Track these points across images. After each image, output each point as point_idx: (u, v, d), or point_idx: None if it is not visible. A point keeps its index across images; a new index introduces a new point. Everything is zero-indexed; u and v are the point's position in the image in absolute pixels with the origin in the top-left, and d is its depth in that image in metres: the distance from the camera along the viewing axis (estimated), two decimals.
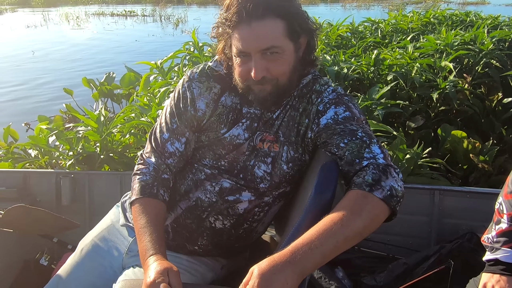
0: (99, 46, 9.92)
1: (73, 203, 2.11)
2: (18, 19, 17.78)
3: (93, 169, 2.15)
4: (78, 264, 1.25)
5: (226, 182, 1.11)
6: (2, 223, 1.89)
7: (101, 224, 1.34)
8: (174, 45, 9.80)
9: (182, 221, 1.15)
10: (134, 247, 1.22)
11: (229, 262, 1.27)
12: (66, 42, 10.69)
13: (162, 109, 2.06)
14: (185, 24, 14.38)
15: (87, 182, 2.10)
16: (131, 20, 16.56)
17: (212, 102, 1.13)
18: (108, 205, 2.11)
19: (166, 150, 1.13)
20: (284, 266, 0.76)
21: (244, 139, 1.11)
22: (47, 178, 2.12)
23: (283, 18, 0.98)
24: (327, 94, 1.08)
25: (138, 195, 1.08)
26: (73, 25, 15.10)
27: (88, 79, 4.54)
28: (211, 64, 1.17)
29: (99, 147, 2.12)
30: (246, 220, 1.15)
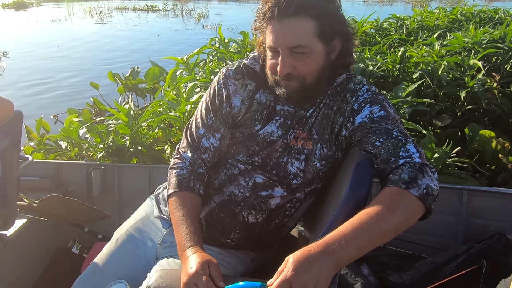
0: (123, 41, 10.08)
1: (103, 194, 2.18)
2: (43, 13, 18.15)
3: (122, 162, 2.20)
4: (113, 253, 1.30)
5: (259, 178, 1.14)
6: (37, 211, 1.97)
7: (136, 215, 1.38)
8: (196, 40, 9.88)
9: (215, 215, 1.18)
10: (168, 238, 1.26)
11: (259, 255, 1.30)
12: (90, 36, 10.88)
13: (190, 104, 2.12)
14: (207, 19, 14.46)
15: (116, 174, 2.16)
16: (153, 15, 16.73)
17: (247, 99, 1.15)
18: (136, 196, 2.18)
19: (201, 145, 1.17)
20: (320, 256, 0.79)
21: (277, 136, 1.13)
22: (79, 170, 2.19)
23: (316, 19, 0.98)
24: (362, 93, 1.09)
25: (175, 189, 1.11)
26: (97, 20, 15.35)
27: (113, 73, 4.64)
28: (247, 61, 1.19)
29: (128, 141, 2.17)
30: (278, 215, 1.18)
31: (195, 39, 10.14)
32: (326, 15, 1.00)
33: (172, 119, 2.12)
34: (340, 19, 1.04)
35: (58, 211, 1.97)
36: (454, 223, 1.77)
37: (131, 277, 1.25)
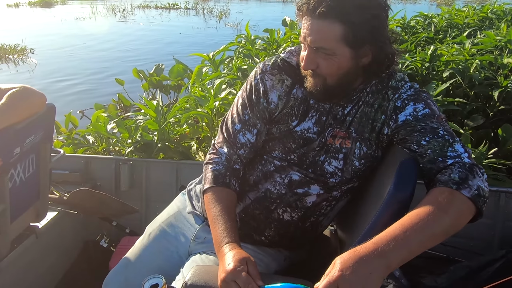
0: (146, 38, 10.18)
1: (131, 188, 2.20)
2: (68, 11, 18.50)
3: (150, 157, 2.22)
4: (146, 247, 1.30)
5: (295, 175, 1.12)
6: (67, 204, 2.00)
7: (168, 210, 1.39)
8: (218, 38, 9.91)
9: (250, 212, 1.17)
10: (201, 234, 1.25)
11: (291, 254, 1.28)
12: (114, 34, 11.04)
13: (219, 101, 2.11)
14: (228, 17, 14.48)
15: (144, 169, 2.18)
16: (175, 13, 16.86)
17: (285, 94, 1.14)
18: (163, 192, 2.19)
19: (237, 141, 1.15)
20: (369, 258, 0.76)
21: (313, 133, 1.11)
22: (107, 164, 2.21)
23: (344, 23, 0.96)
24: (404, 90, 1.06)
25: (211, 184, 1.11)
26: (120, 18, 15.56)
27: (138, 70, 4.68)
28: (284, 55, 1.17)
29: (156, 136, 2.18)
30: (314, 213, 1.16)
31: (217, 37, 10.18)
32: (357, 21, 0.96)
33: (200, 115, 2.11)
34: (375, 27, 0.99)
35: (88, 204, 1.99)
36: (490, 226, 1.71)
37: (164, 272, 1.25)
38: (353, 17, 0.96)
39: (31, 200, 1.71)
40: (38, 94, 1.44)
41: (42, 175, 1.71)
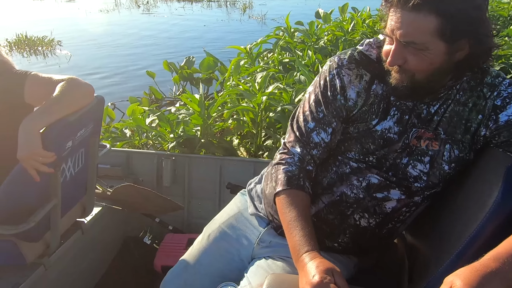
0: (172, 31, 10.13)
1: (173, 184, 2.15)
2: (91, 3, 18.64)
3: (192, 153, 2.16)
4: (206, 249, 1.24)
5: (374, 178, 1.04)
6: (110, 199, 1.97)
7: (227, 211, 1.32)
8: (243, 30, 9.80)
9: (323, 216, 1.09)
10: (266, 237, 1.18)
11: (359, 260, 1.20)
12: (139, 26, 11.05)
13: (266, 95, 2.03)
14: (252, 9, 14.33)
15: (187, 165, 2.13)
16: (197, 6, 16.80)
17: (364, 91, 1.05)
18: (206, 188, 2.14)
19: (311, 140, 1.07)
20: (491, 277, 0.68)
21: (394, 133, 1.02)
22: (150, 159, 2.16)
23: (440, 16, 0.86)
24: (504, 88, 0.95)
25: (284, 186, 1.03)
26: (143, 10, 15.60)
27: (168, 63, 4.63)
28: (362, 47, 1.08)
29: (199, 131, 2.12)
30: (392, 219, 1.07)
31: (241, 29, 10.08)
32: (455, 13, 0.86)
33: (246, 110, 2.04)
34: (474, 18, 0.88)
35: (132, 200, 1.95)
36: None
37: (224, 275, 1.20)
38: (451, 9, 0.86)
39: (79, 195, 1.68)
40: (86, 85, 1.39)
41: (90, 170, 1.67)
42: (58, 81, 1.33)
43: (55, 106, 1.27)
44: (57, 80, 1.34)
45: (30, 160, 1.21)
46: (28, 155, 1.20)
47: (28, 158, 1.20)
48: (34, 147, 1.19)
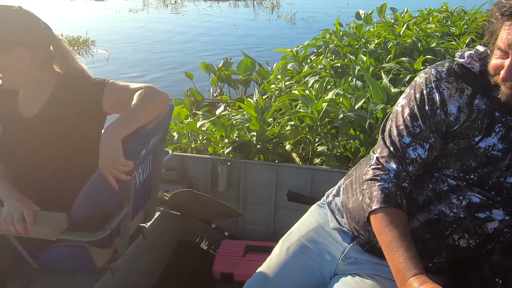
0: (202, 31, 10.16)
1: (227, 190, 2.14)
2: (120, 3, 18.94)
3: (247, 158, 2.14)
4: (285, 263, 1.22)
5: (475, 197, 0.99)
6: (168, 204, 1.97)
7: (306, 224, 1.29)
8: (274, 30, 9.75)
9: (418, 235, 1.05)
10: (352, 254, 1.15)
11: (448, 280, 1.15)
12: (170, 26, 11.14)
13: (327, 102, 1.99)
14: (280, 8, 14.27)
15: (242, 171, 2.11)
16: (224, 5, 16.86)
17: (466, 105, 1.00)
18: (262, 194, 2.12)
19: (407, 156, 1.03)
20: None
21: (498, 150, 0.97)
22: (204, 164, 2.16)
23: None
24: None
25: (382, 204, 0.99)
26: (172, 10, 15.75)
27: (206, 64, 4.64)
28: (462, 60, 1.03)
29: (255, 136, 2.10)
30: (493, 240, 1.02)
31: (272, 29, 10.02)
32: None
33: (305, 116, 2.00)
34: None
35: (189, 205, 1.95)
36: None
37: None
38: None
39: (144, 201, 1.69)
40: (163, 93, 1.38)
41: (156, 176, 1.67)
42: (136, 89, 1.34)
43: (135, 115, 1.27)
44: (135, 88, 1.34)
45: (111, 168, 1.21)
46: (110, 164, 1.20)
47: (110, 166, 1.20)
48: (116, 156, 1.20)
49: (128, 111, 1.27)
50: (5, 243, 1.34)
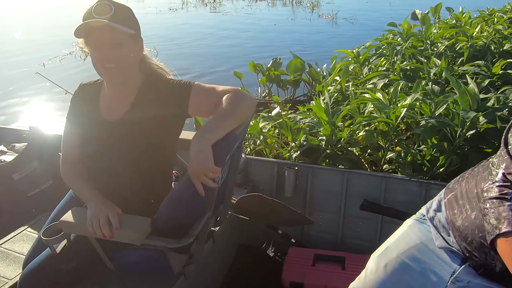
0: (246, 29, 10.12)
1: (294, 195, 2.08)
2: (159, 2, 19.25)
3: (315, 163, 2.07)
4: (384, 281, 1.14)
5: None
6: (236, 208, 1.92)
7: (406, 240, 1.20)
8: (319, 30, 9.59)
9: None
10: (463, 277, 1.05)
11: None
12: (211, 25, 11.18)
13: (406, 107, 1.89)
14: (319, 8, 14.07)
15: (310, 176, 2.04)
16: (262, 4, 16.81)
17: None
18: (330, 201, 2.04)
19: None
20: None
21: None
22: (270, 167, 2.10)
23: None
24: None
25: None
26: (210, 8, 15.86)
27: (255, 64, 4.59)
28: None
29: (324, 141, 2.02)
30: None
31: (313, 29, 9.87)
32: None
33: (381, 122, 1.90)
34: None
35: (258, 210, 1.90)
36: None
37: None
38: None
39: (218, 206, 1.64)
40: (250, 98, 1.32)
41: (231, 181, 1.62)
42: (223, 92, 1.28)
43: (225, 121, 1.22)
44: (222, 91, 1.29)
45: (201, 175, 1.17)
46: (200, 170, 1.15)
47: (200, 172, 1.16)
48: (207, 162, 1.15)
49: (217, 115, 1.22)
50: (83, 242, 1.32)
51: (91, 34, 1.20)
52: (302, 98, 4.46)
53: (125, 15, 1.23)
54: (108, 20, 1.17)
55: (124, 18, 1.22)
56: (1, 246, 1.81)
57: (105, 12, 1.18)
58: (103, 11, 1.18)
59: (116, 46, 1.21)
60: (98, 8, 1.19)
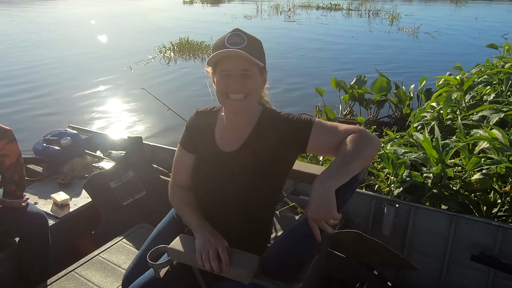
0: (322, 42, 9.93)
1: (392, 234, 1.93)
2: (235, 9, 19.76)
3: (418, 202, 1.91)
4: None
5: None
6: (331, 242, 1.83)
7: None
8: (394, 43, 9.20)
9: None
10: None
11: None
12: (287, 33, 11.19)
13: None
14: (399, 20, 13.53)
15: (412, 215, 1.88)
16: (337, 13, 16.58)
17: None
18: (432, 245, 1.87)
19: None
20: None
21: None
22: (366, 201, 1.97)
23: None
24: None
25: None
26: (285, 17, 15.94)
27: (337, 81, 4.47)
28: None
29: (430, 179, 1.86)
30: None
31: (394, 43, 9.47)
32: None
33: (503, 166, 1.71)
34: None
35: (355, 248, 1.79)
36: None
37: None
38: None
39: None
40: (376, 140, 1.21)
41: None
42: (347, 132, 1.20)
43: (351, 164, 1.13)
44: (346, 131, 1.21)
45: (321, 220, 1.09)
46: (322, 217, 1.08)
47: (321, 219, 1.09)
48: (330, 209, 1.07)
49: (342, 158, 1.14)
50: (184, 269, 1.30)
51: (222, 63, 1.19)
52: (386, 120, 4.26)
53: (256, 47, 1.21)
54: (241, 50, 1.15)
55: (255, 50, 1.20)
56: (100, 255, 1.87)
57: (238, 43, 1.17)
58: (236, 42, 1.17)
59: (245, 76, 1.19)
60: (231, 38, 1.18)
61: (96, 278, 1.72)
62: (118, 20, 15.29)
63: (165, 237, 1.45)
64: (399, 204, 1.90)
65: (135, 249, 1.90)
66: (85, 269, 1.77)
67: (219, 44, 1.20)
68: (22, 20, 16.07)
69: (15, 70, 7.57)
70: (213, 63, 1.21)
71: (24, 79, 6.89)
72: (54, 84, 6.63)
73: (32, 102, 5.73)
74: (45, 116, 5.19)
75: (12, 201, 1.73)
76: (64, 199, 2.17)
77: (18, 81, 6.82)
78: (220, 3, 23.88)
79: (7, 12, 20.01)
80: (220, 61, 1.19)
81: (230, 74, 1.19)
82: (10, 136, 1.70)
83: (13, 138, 1.72)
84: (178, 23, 13.80)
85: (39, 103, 5.71)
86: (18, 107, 5.50)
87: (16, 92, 6.19)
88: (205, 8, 21.25)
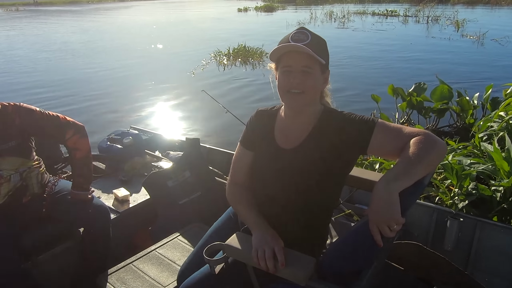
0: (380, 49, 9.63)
1: (454, 249, 1.83)
2: (288, 16, 19.80)
3: (485, 217, 1.79)
4: None
5: None
6: (389, 254, 1.76)
7: None
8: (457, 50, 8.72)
9: None
10: None
11: None
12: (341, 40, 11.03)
13: None
14: (464, 27, 12.83)
15: (477, 231, 1.77)
16: (393, 20, 16.10)
17: None
18: (499, 264, 1.74)
19: None
20: None
21: None
22: (427, 213, 1.88)
23: None
24: None
25: None
26: (338, 24, 15.73)
27: (394, 88, 4.33)
28: None
29: (501, 192, 1.74)
30: None
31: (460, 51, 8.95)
32: None
33: None
34: None
35: (414, 261, 1.71)
36: None
37: None
38: None
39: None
40: (442, 144, 1.16)
41: None
42: (411, 135, 1.16)
43: (416, 167, 1.08)
44: (410, 133, 1.16)
45: (384, 225, 1.05)
46: (384, 220, 1.04)
47: (383, 223, 1.05)
48: (393, 213, 1.03)
49: (406, 160, 1.10)
50: (239, 267, 1.30)
51: (284, 58, 1.21)
52: (447, 129, 4.05)
53: (320, 45, 1.21)
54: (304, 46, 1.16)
55: (318, 47, 1.20)
56: (156, 250, 1.93)
57: (302, 40, 1.19)
58: (300, 38, 1.19)
59: (306, 73, 1.19)
60: (295, 35, 1.20)
61: (152, 272, 1.77)
62: (179, 29, 15.90)
63: (221, 235, 1.47)
64: (463, 218, 1.80)
65: (190, 247, 1.95)
66: (142, 263, 1.83)
67: (283, 40, 1.22)
68: (91, 28, 17.18)
69: (88, 73, 8.13)
70: (276, 59, 1.23)
71: (94, 85, 7.36)
72: (120, 87, 7.05)
73: (99, 103, 6.16)
74: (110, 115, 5.54)
75: (80, 193, 1.83)
76: (124, 195, 2.27)
77: (88, 84, 7.33)
78: (273, 10, 24.08)
79: (79, 23, 21.50)
80: (282, 57, 1.21)
81: (291, 70, 1.20)
82: (82, 132, 1.82)
83: (85, 134, 1.84)
84: (232, 31, 14.08)
85: (105, 103, 6.13)
86: (87, 107, 5.94)
87: (87, 94, 6.68)
88: (259, 16, 21.51)
